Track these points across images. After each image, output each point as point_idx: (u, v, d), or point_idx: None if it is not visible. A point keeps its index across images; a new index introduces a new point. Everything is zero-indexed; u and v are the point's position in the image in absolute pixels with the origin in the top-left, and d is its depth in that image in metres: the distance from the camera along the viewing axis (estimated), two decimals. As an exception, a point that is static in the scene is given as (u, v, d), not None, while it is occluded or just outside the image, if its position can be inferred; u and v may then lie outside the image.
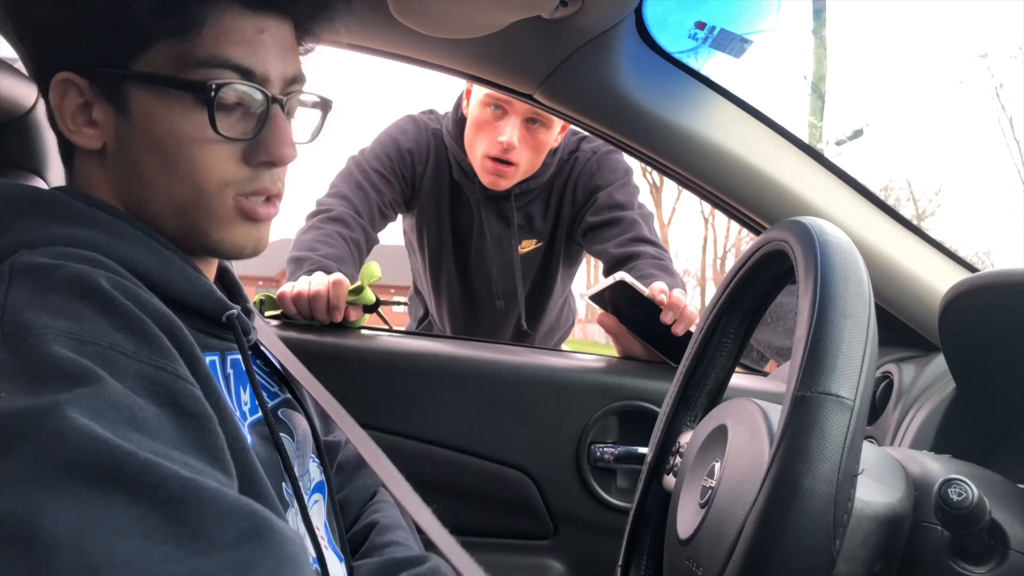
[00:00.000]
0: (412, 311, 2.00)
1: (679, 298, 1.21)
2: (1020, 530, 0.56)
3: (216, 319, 0.62)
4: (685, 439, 0.78)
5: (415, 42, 1.07)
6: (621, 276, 1.23)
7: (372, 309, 1.27)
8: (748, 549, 0.52)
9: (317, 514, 0.69)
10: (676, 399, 0.82)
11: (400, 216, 1.70)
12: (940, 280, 1.12)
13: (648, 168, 1.83)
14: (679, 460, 0.77)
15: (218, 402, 0.53)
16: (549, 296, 1.77)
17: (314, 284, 1.20)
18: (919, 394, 0.99)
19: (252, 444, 0.60)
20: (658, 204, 20.76)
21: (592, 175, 1.62)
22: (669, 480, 0.78)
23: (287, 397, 0.74)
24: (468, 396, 1.21)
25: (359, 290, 1.22)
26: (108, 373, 0.44)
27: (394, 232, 1.85)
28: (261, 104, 0.61)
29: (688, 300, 1.22)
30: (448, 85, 1.53)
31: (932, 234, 1.18)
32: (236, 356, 0.65)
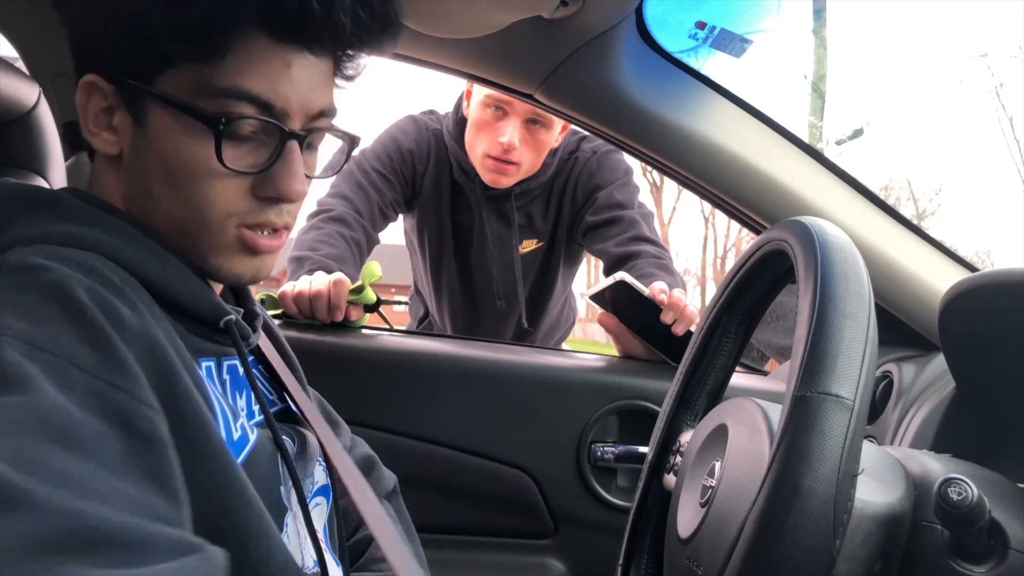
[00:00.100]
0: (413, 311, 2.00)
1: (679, 298, 1.21)
2: (1020, 529, 0.56)
3: (213, 324, 0.62)
4: (685, 438, 0.78)
5: (416, 42, 1.07)
6: (621, 276, 1.23)
7: (373, 308, 1.27)
8: (748, 548, 0.52)
9: (318, 517, 0.69)
10: (676, 398, 0.82)
11: (401, 216, 1.70)
12: (940, 280, 1.12)
13: (648, 167, 1.83)
14: (679, 459, 0.77)
15: (197, 418, 0.52)
16: (549, 296, 1.77)
17: (315, 283, 1.20)
18: (919, 393, 0.99)
19: (254, 445, 0.60)
20: (658, 204, 20.76)
21: (592, 175, 1.62)
22: (669, 479, 0.78)
23: (285, 407, 0.73)
24: (469, 395, 1.21)
25: (360, 289, 1.22)
26: (56, 385, 0.43)
27: (395, 232, 1.86)
28: (276, 138, 0.60)
29: (688, 300, 1.22)
30: (448, 85, 1.53)
31: (932, 234, 1.18)
32: (234, 361, 0.65)
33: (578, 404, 1.22)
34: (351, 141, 0.68)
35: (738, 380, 1.28)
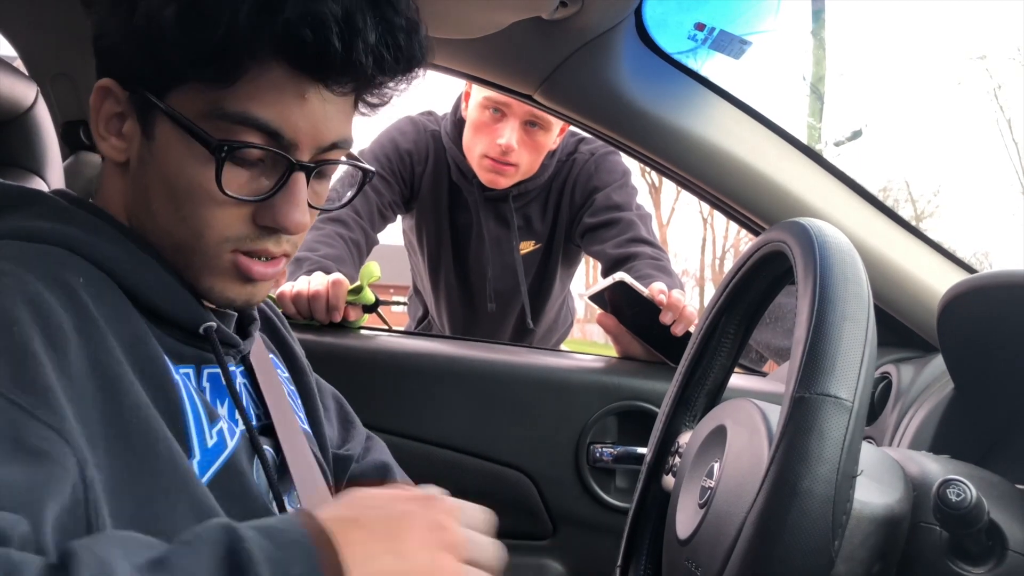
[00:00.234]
0: (411, 311, 2.00)
1: (678, 298, 1.21)
2: (1018, 531, 0.56)
3: (192, 330, 0.60)
4: (684, 439, 0.78)
5: (415, 42, 1.06)
6: (620, 276, 1.23)
7: (371, 309, 1.27)
8: (747, 549, 0.52)
9: None
10: (675, 399, 0.82)
11: (400, 216, 1.70)
12: (939, 281, 1.12)
13: (647, 169, 1.83)
14: (678, 460, 0.77)
15: (144, 435, 0.50)
16: (548, 297, 1.77)
17: (313, 284, 1.20)
18: (918, 395, 0.99)
19: (231, 452, 0.59)
20: (657, 205, 20.76)
21: (590, 176, 1.62)
22: (668, 480, 0.78)
23: (268, 423, 0.70)
24: (467, 396, 1.21)
25: (358, 290, 1.22)
26: None
27: (394, 232, 1.86)
28: (283, 168, 0.58)
29: (687, 300, 1.22)
30: (447, 86, 1.53)
31: (931, 235, 1.18)
32: (215, 370, 0.63)
33: (577, 405, 1.22)
34: (363, 174, 0.67)
35: (737, 381, 1.28)
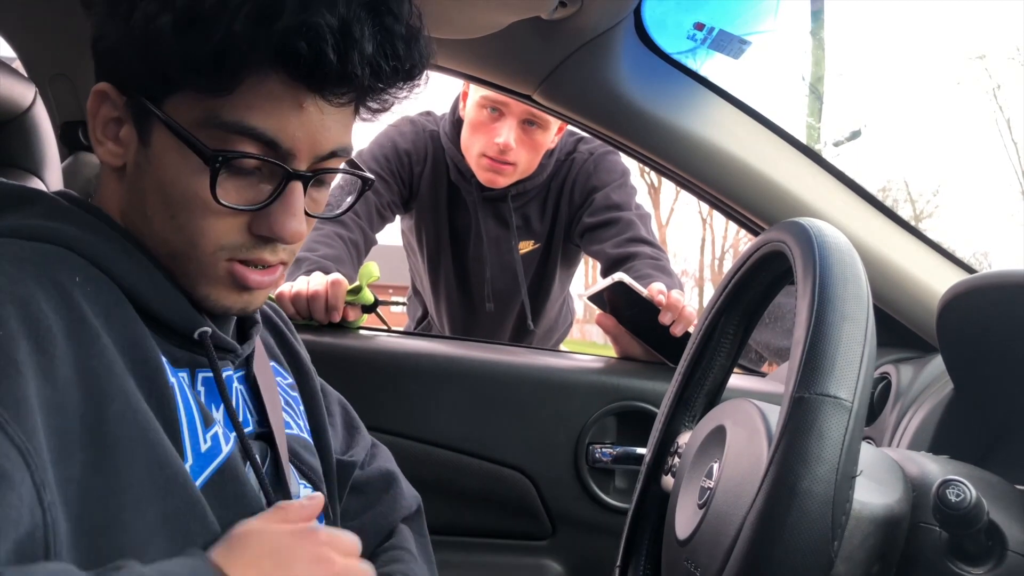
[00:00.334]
0: (411, 311, 2.00)
1: (678, 299, 1.21)
2: (1018, 531, 0.56)
3: (187, 335, 0.60)
4: (684, 440, 0.78)
5: (414, 42, 1.06)
6: (620, 277, 1.23)
7: (371, 309, 1.27)
8: (746, 550, 0.52)
9: None
10: (674, 400, 0.82)
11: (398, 217, 1.70)
12: (938, 281, 1.12)
13: (646, 169, 1.83)
14: (677, 461, 0.77)
15: (128, 443, 0.50)
16: (547, 297, 1.77)
17: (312, 284, 1.20)
18: (917, 395, 0.99)
19: (226, 457, 0.58)
20: (656, 205, 20.75)
21: (589, 176, 1.62)
22: (667, 481, 0.78)
23: (265, 431, 0.69)
24: (466, 396, 1.21)
25: (357, 290, 1.22)
26: None
27: (393, 232, 1.86)
28: (279, 177, 0.58)
29: (686, 301, 1.22)
30: (446, 86, 1.53)
31: (930, 235, 1.18)
32: (210, 374, 0.62)
33: (576, 405, 1.22)
34: (363, 182, 0.66)
35: (736, 381, 1.28)
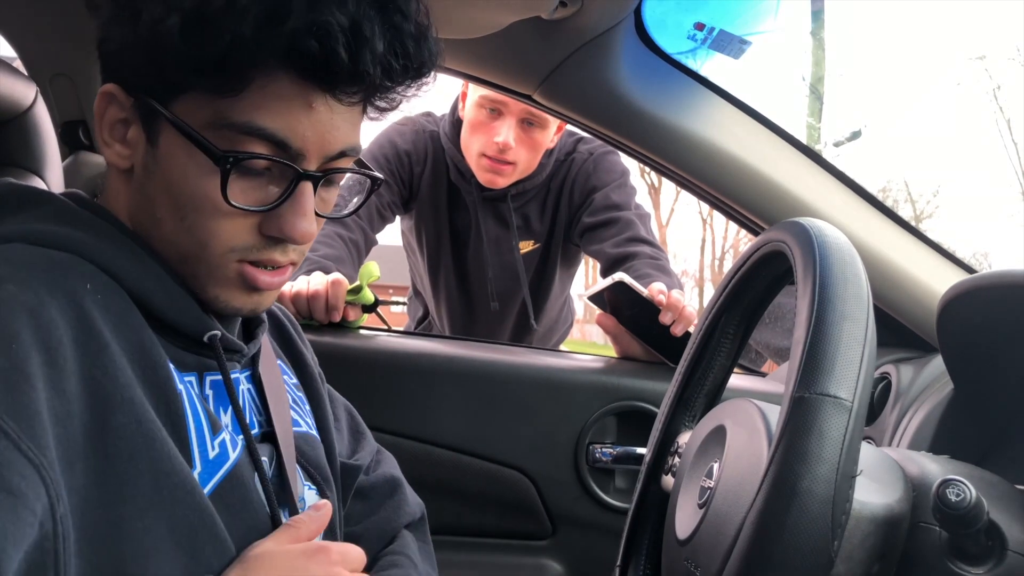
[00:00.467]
0: (411, 311, 2.00)
1: (678, 298, 1.21)
2: (1018, 531, 0.56)
3: (196, 338, 0.60)
4: (684, 439, 0.78)
5: (414, 42, 1.06)
6: (620, 276, 1.23)
7: (371, 309, 1.27)
8: (746, 550, 0.52)
9: None
10: (675, 399, 0.82)
11: (398, 217, 1.70)
12: (938, 281, 1.12)
13: (646, 169, 1.83)
14: (677, 460, 0.77)
15: (131, 454, 0.50)
16: (547, 297, 1.77)
17: (313, 284, 1.20)
18: (917, 395, 0.99)
19: (235, 462, 0.58)
20: (656, 205, 20.75)
21: (589, 176, 1.62)
22: (667, 480, 0.78)
23: (270, 431, 0.69)
24: (467, 396, 1.21)
25: (358, 290, 1.22)
26: None
27: (393, 232, 1.86)
28: (289, 178, 0.57)
29: (686, 301, 1.22)
30: (446, 86, 1.53)
31: (930, 235, 1.18)
32: (218, 376, 0.62)
33: (576, 405, 1.22)
34: (372, 181, 0.66)
35: (736, 381, 1.28)
